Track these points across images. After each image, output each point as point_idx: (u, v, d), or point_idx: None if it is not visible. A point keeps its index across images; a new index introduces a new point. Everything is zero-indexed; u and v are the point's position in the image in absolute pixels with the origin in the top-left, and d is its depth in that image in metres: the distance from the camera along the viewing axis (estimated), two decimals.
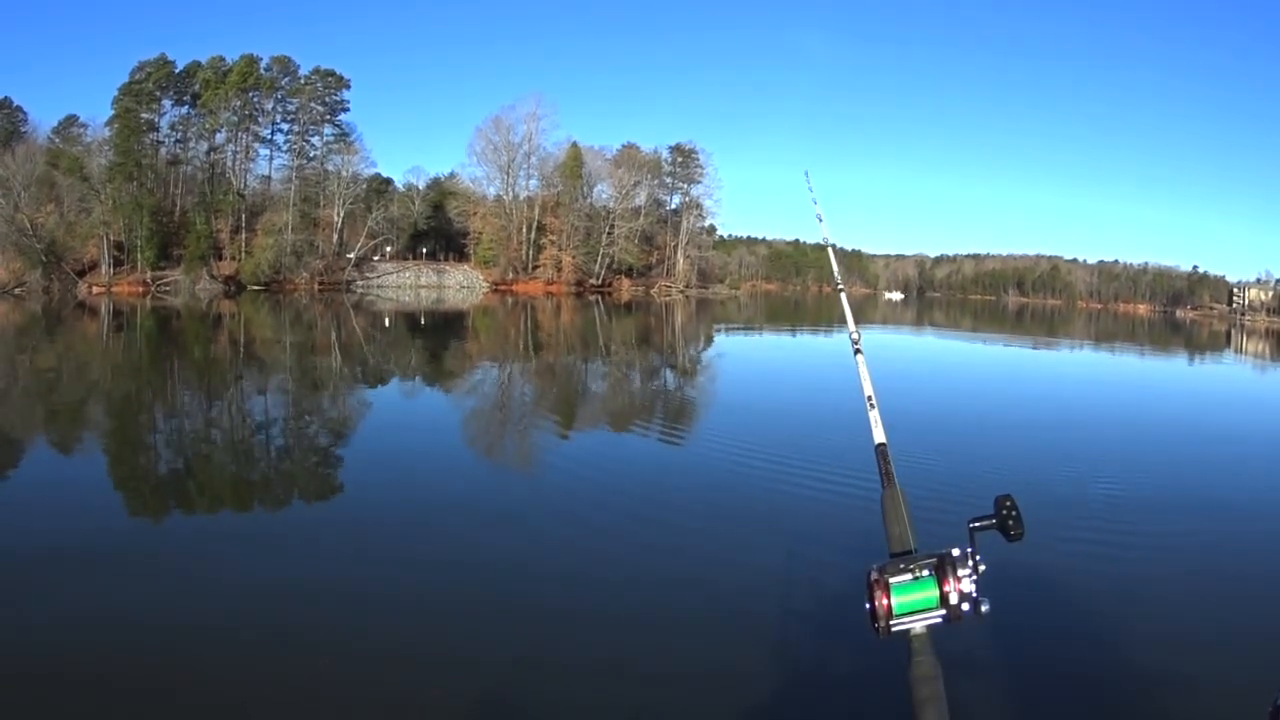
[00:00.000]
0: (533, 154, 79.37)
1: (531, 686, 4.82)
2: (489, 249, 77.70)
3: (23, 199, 56.70)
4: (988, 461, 11.47)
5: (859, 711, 4.64)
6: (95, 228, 60.12)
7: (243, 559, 6.75)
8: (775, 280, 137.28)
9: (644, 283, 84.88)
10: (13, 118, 70.08)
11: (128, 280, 61.06)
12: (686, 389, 20.17)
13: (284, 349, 27.28)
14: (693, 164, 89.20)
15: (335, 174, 70.54)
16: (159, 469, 10.47)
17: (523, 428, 14.15)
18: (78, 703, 4.42)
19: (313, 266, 67.35)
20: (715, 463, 10.31)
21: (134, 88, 64.58)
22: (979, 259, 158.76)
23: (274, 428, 13.28)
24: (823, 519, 8.03)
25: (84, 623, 5.35)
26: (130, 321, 37.60)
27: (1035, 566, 6.24)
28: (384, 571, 6.51)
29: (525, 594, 6.10)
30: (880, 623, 1.31)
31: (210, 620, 5.44)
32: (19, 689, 4.49)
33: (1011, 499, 1.40)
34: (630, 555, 7.12)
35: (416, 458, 10.94)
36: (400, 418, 14.73)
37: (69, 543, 6.91)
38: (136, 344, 28.72)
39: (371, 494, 9.03)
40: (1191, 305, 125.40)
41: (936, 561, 1.33)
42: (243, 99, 67.87)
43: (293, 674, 4.81)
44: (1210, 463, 12.66)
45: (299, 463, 10.95)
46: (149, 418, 14.23)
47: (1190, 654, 5.40)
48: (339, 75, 73.16)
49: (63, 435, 12.18)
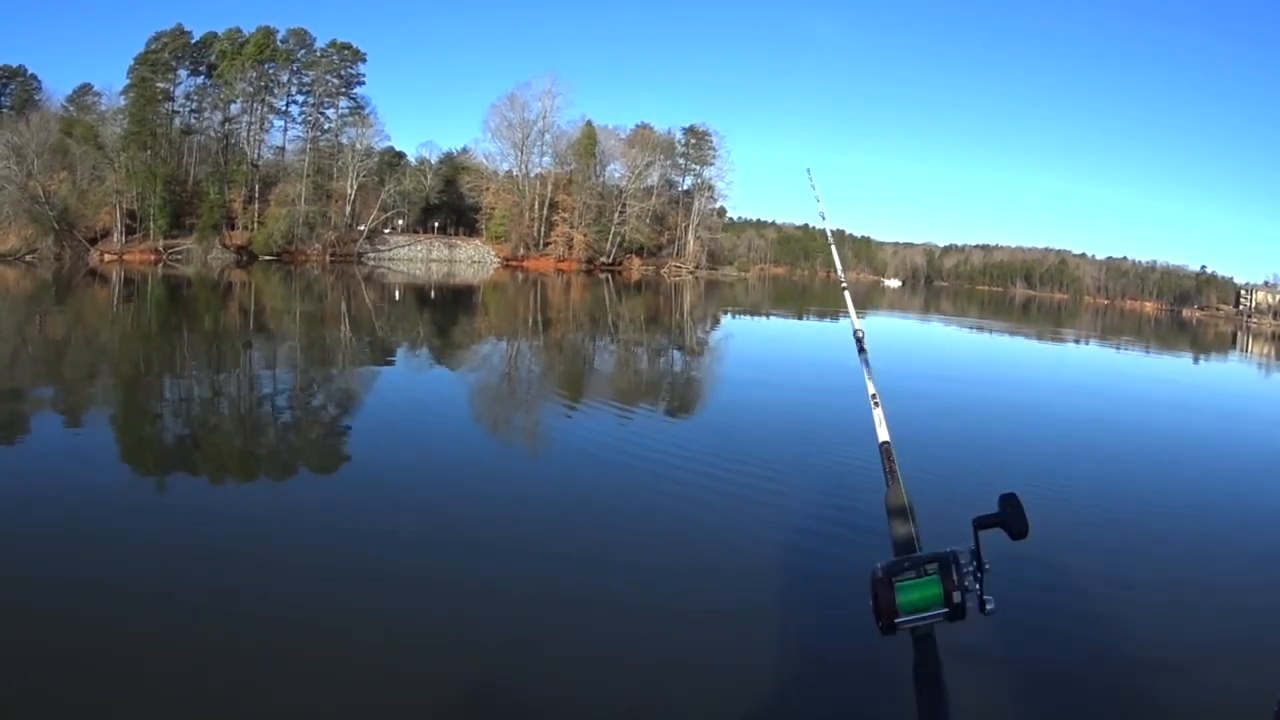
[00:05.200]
0: (547, 131, 79.31)
1: (527, 674, 4.78)
2: (500, 224, 77.66)
3: (36, 166, 56.65)
4: (993, 459, 11.42)
5: (862, 709, 4.62)
6: (108, 196, 60.11)
7: (231, 532, 6.68)
8: (784, 264, 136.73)
9: (654, 263, 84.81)
10: (27, 86, 70.06)
11: (140, 248, 61.15)
12: (693, 372, 20.13)
13: (293, 319, 27.28)
14: (706, 146, 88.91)
15: (349, 147, 70.37)
16: (154, 437, 10.40)
17: (526, 405, 14.13)
18: (68, 682, 4.39)
19: (325, 238, 67.34)
20: (720, 452, 10.25)
21: (150, 57, 64.47)
22: (987, 250, 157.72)
23: (275, 399, 13.23)
24: (827, 515, 7.99)
25: (67, 593, 5.34)
26: (140, 289, 37.67)
27: (1040, 565, 6.23)
28: (375, 550, 6.45)
29: (523, 578, 6.04)
30: (884, 620, 1.31)
31: (192, 596, 5.38)
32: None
33: (1016, 497, 1.39)
34: (630, 541, 7.09)
35: (416, 434, 10.85)
36: (403, 392, 14.68)
37: (61, 508, 6.93)
38: (145, 311, 28.79)
39: (368, 469, 8.95)
40: (1198, 305, 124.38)
41: (941, 560, 1.32)
42: (258, 70, 67.64)
43: (278, 657, 4.73)
44: (1220, 463, 12.61)
45: (296, 435, 10.90)
46: (152, 385, 14.23)
47: (1195, 655, 5.39)
48: (355, 49, 72.94)
49: (64, 401, 12.19)
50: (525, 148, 78.87)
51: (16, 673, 4.37)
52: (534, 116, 78.51)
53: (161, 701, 4.24)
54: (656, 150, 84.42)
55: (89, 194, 59.84)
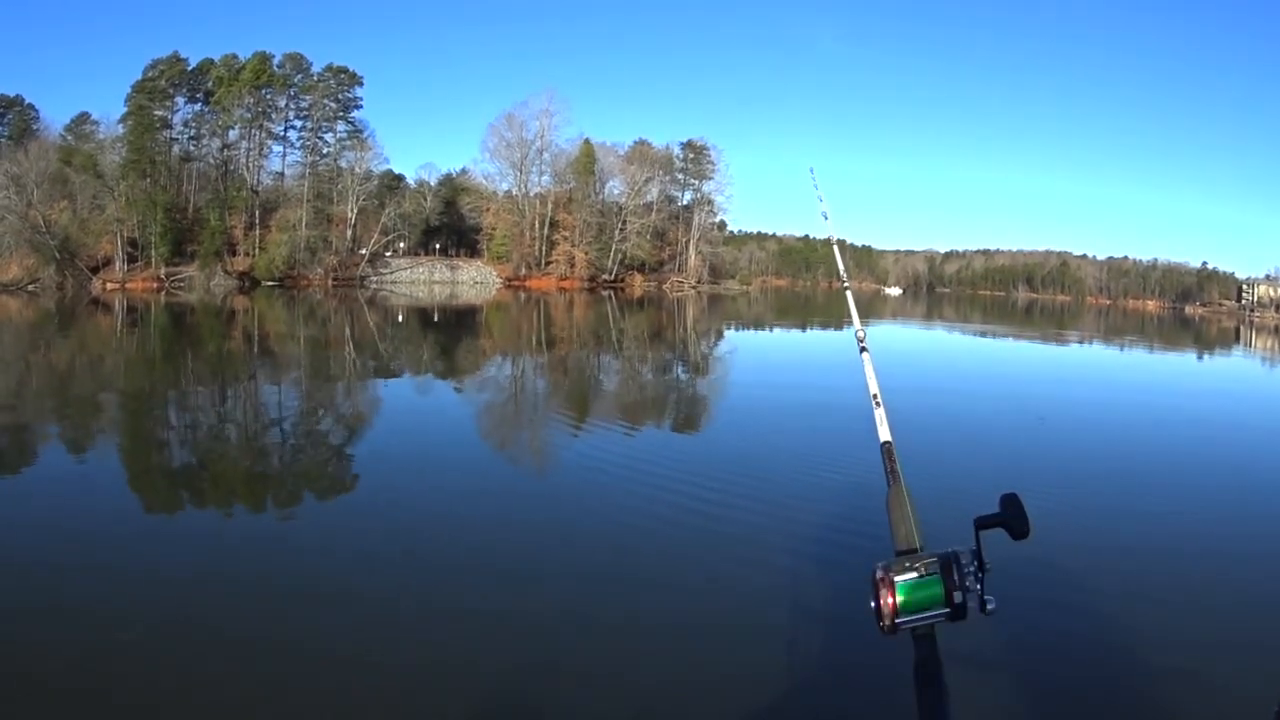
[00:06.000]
0: (545, 150, 79.77)
1: (532, 690, 4.77)
2: (502, 245, 77.94)
3: (36, 196, 56.97)
4: (994, 459, 11.41)
5: (863, 709, 4.63)
6: (109, 224, 60.45)
7: (239, 557, 6.71)
8: (785, 276, 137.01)
9: (656, 278, 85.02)
10: (24, 115, 70.47)
11: (141, 276, 61.39)
12: (695, 386, 20.15)
13: (297, 344, 27.38)
14: (704, 160, 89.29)
15: (348, 170, 70.88)
16: (163, 463, 10.45)
17: (532, 424, 14.14)
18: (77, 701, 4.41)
19: (326, 262, 67.66)
20: (720, 460, 10.28)
21: (147, 85, 64.98)
22: (989, 254, 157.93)
23: (281, 424, 13.29)
24: (828, 516, 8.00)
25: (77, 614, 5.35)
26: (144, 317, 37.81)
27: (1041, 565, 6.21)
28: (383, 572, 6.45)
29: (530, 594, 6.05)
30: (885, 620, 1.30)
31: (207, 618, 5.40)
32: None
33: (1017, 497, 1.39)
34: (633, 551, 7.10)
35: (423, 456, 10.85)
36: (408, 414, 14.72)
37: (67, 533, 6.95)
38: (150, 339, 28.88)
39: (376, 492, 8.97)
40: (1201, 302, 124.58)
41: (942, 560, 1.32)
42: (256, 96, 68.16)
43: (286, 677, 4.73)
44: (1223, 463, 12.56)
45: (303, 459, 10.93)
46: (158, 413, 14.30)
47: (1196, 655, 5.35)
48: (352, 72, 73.62)
49: (69, 430, 12.23)
50: (524, 167, 79.40)
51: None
52: (532, 136, 79.09)
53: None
54: (655, 166, 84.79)
55: (90, 223, 60.12)
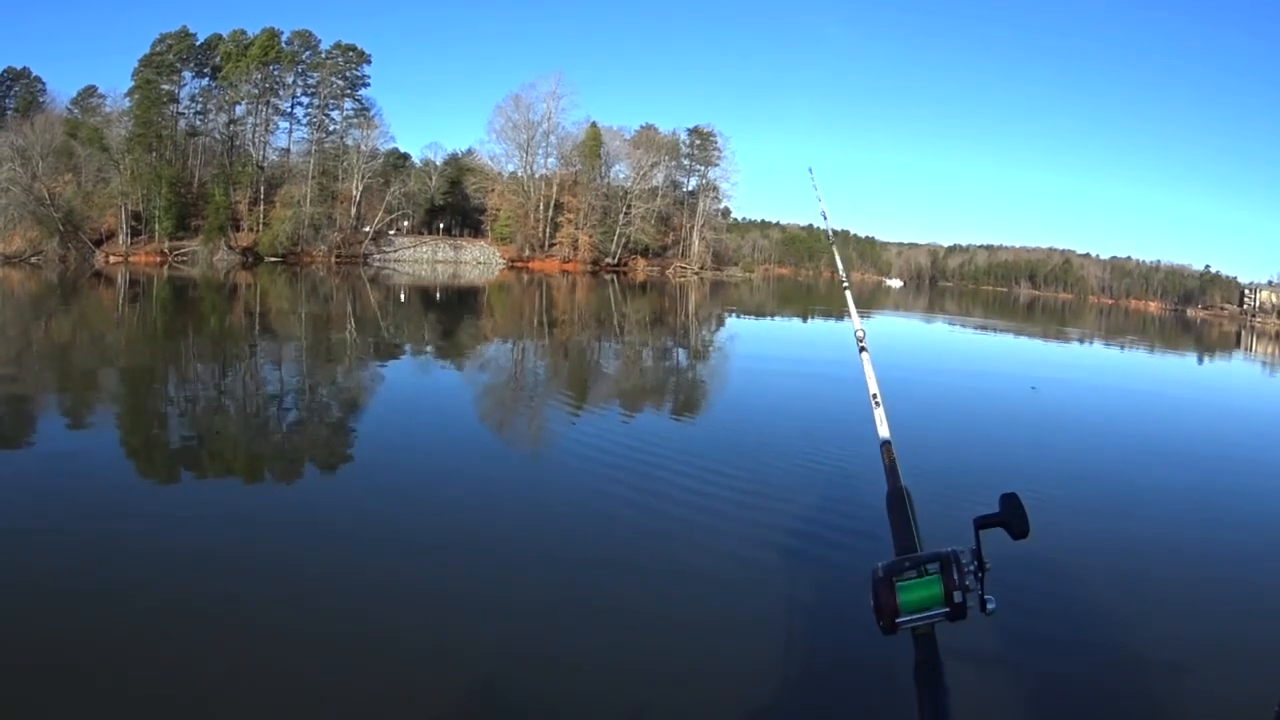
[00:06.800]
0: (552, 133, 79.35)
1: (527, 679, 4.78)
2: (506, 226, 77.71)
3: (40, 168, 56.86)
4: (994, 459, 11.43)
5: (863, 709, 4.64)
6: (113, 198, 60.31)
7: (236, 537, 6.69)
8: (788, 265, 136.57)
9: (659, 263, 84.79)
10: (31, 88, 70.36)
11: (145, 250, 61.30)
12: (696, 374, 20.14)
13: (299, 320, 27.35)
14: (710, 146, 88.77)
15: (354, 148, 70.49)
16: (160, 439, 10.45)
17: (530, 407, 14.15)
18: (62, 687, 4.42)
19: (330, 239, 67.50)
20: (721, 452, 10.27)
21: (154, 59, 64.63)
22: (992, 250, 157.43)
23: (282, 401, 13.26)
24: (829, 515, 7.99)
25: (69, 594, 5.36)
26: (146, 291, 37.78)
27: (1041, 565, 6.23)
28: (371, 551, 6.45)
29: (523, 582, 6.05)
30: (885, 620, 1.31)
31: (207, 597, 5.42)
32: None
33: (1017, 497, 1.39)
34: (631, 543, 7.10)
35: (421, 437, 10.86)
36: (407, 393, 14.74)
37: (60, 518, 6.93)
38: (150, 313, 28.86)
39: (370, 472, 8.97)
40: (1202, 305, 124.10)
41: (942, 560, 1.32)
42: (263, 72, 67.80)
43: (275, 661, 4.74)
44: (1223, 464, 12.58)
45: (299, 439, 10.90)
46: (157, 386, 14.31)
47: (1197, 655, 5.38)
48: (360, 50, 73.09)
49: (67, 403, 12.22)
50: (530, 149, 79.04)
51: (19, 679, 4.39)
52: (539, 118, 78.72)
53: (158, 704, 4.27)
54: (661, 151, 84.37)
55: (94, 196, 60.00)
